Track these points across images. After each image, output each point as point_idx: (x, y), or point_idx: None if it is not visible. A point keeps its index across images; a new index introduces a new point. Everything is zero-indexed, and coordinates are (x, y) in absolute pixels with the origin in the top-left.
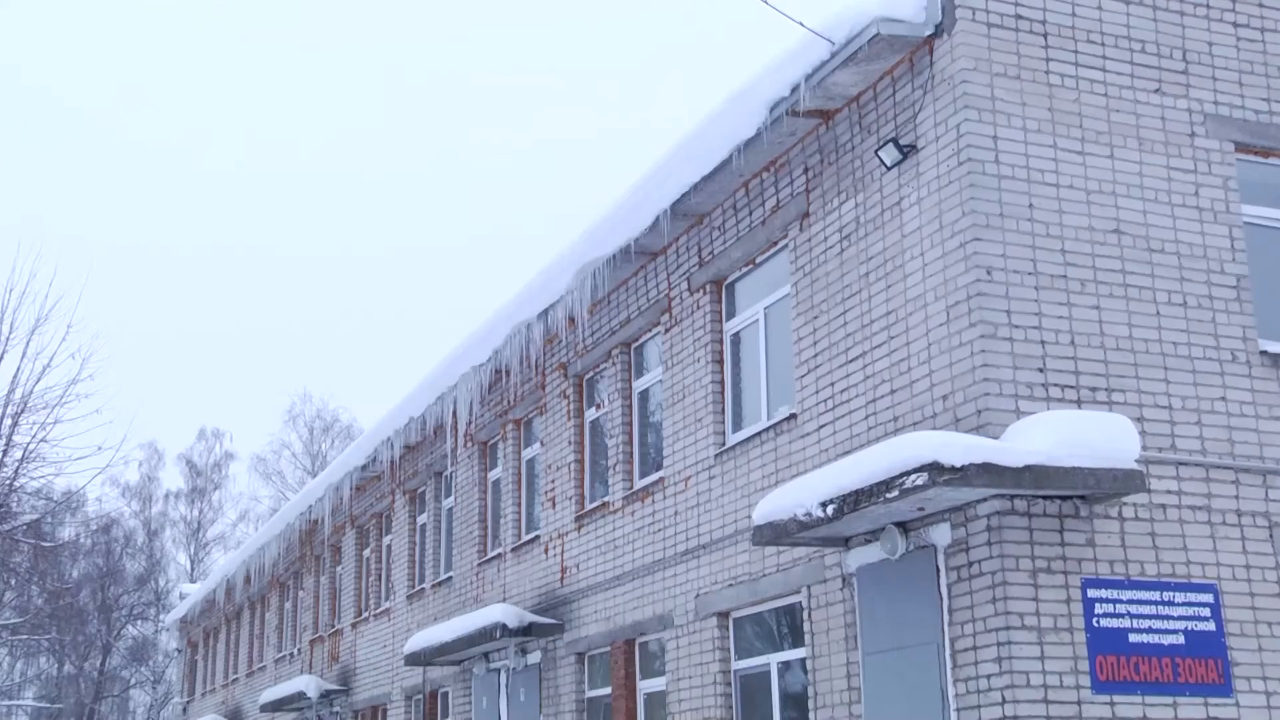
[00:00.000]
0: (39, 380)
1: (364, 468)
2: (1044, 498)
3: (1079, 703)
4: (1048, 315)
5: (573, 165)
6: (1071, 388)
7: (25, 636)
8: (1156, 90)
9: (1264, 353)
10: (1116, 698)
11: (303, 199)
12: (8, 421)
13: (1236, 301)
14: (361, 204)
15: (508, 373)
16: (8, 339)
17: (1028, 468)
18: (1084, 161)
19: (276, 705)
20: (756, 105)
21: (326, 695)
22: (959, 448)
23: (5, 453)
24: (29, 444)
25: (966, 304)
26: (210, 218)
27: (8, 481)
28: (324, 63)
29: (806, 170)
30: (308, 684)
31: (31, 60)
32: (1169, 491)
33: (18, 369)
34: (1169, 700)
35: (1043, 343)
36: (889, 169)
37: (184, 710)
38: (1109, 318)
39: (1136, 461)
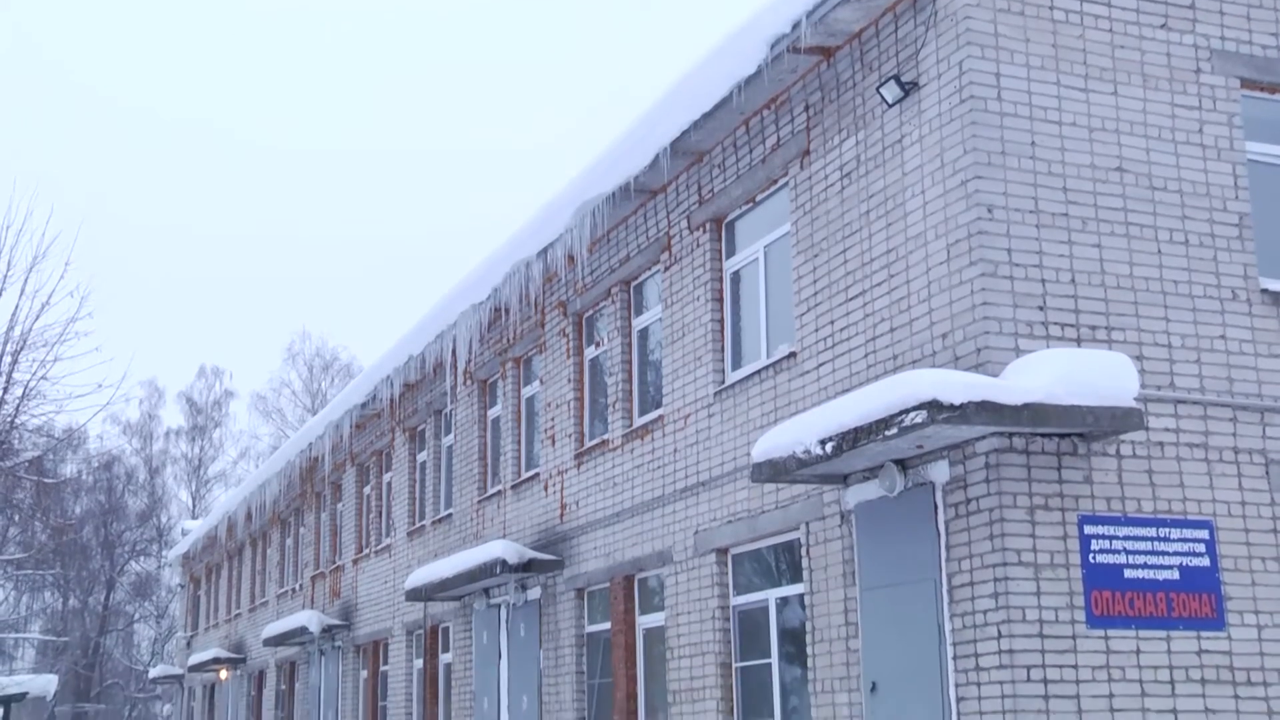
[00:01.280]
0: (38, 318)
1: (364, 406)
2: (1042, 435)
3: (1074, 637)
4: (1048, 253)
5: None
6: (1071, 326)
7: (30, 571)
8: (1162, 25)
9: (1265, 291)
10: (1111, 632)
11: (306, 157)
12: (7, 359)
13: (1238, 239)
14: (366, 161)
15: (507, 311)
16: (5, 276)
17: (1026, 406)
18: (1087, 98)
19: (279, 640)
20: (757, 42)
21: (328, 630)
22: (958, 386)
23: (6, 390)
24: (29, 381)
25: (967, 242)
26: (210, 171)
27: (9, 419)
28: (335, 29)
29: (807, 108)
30: (309, 619)
31: (34, 28)
32: (1167, 429)
33: (16, 306)
34: (1162, 634)
35: (1043, 281)
36: (890, 106)
37: (188, 644)
38: (1110, 256)
39: (1135, 399)
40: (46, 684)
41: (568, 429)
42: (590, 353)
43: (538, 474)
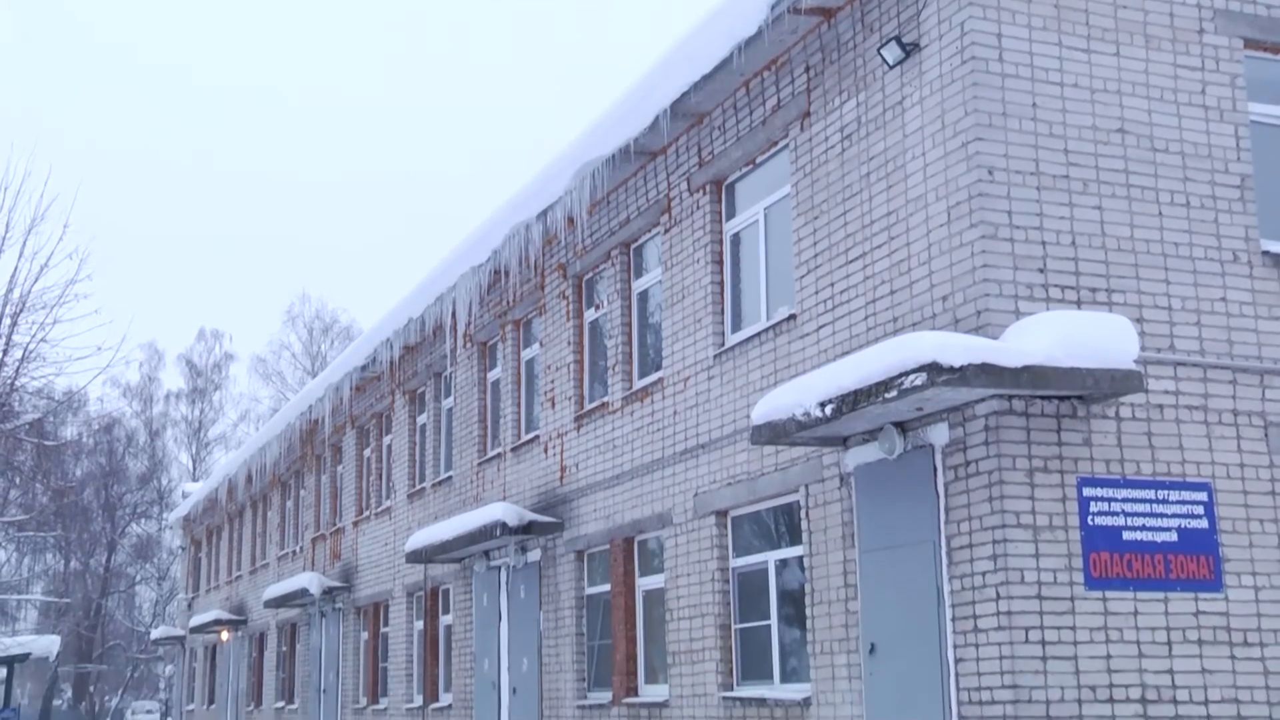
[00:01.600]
0: (37, 280)
1: (363, 368)
2: (1042, 398)
3: (1072, 599)
4: (1049, 216)
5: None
6: (1072, 288)
7: (31, 533)
8: None
9: (1266, 253)
10: (1109, 594)
11: (305, 115)
12: (7, 321)
13: (1240, 201)
14: (368, 118)
15: (507, 273)
16: (4, 238)
17: (1026, 368)
18: (1089, 59)
19: (280, 601)
20: (758, 2)
21: (329, 592)
22: (958, 348)
23: (5, 352)
24: (29, 344)
25: (967, 204)
26: (209, 128)
27: (9, 381)
28: None
29: (808, 69)
30: (310, 581)
31: None
32: (1166, 391)
33: (15, 268)
34: (1160, 596)
35: (1043, 243)
36: (891, 68)
37: (189, 606)
38: (1111, 218)
39: (1135, 362)
40: (49, 645)
41: (567, 391)
42: (590, 315)
43: (537, 436)
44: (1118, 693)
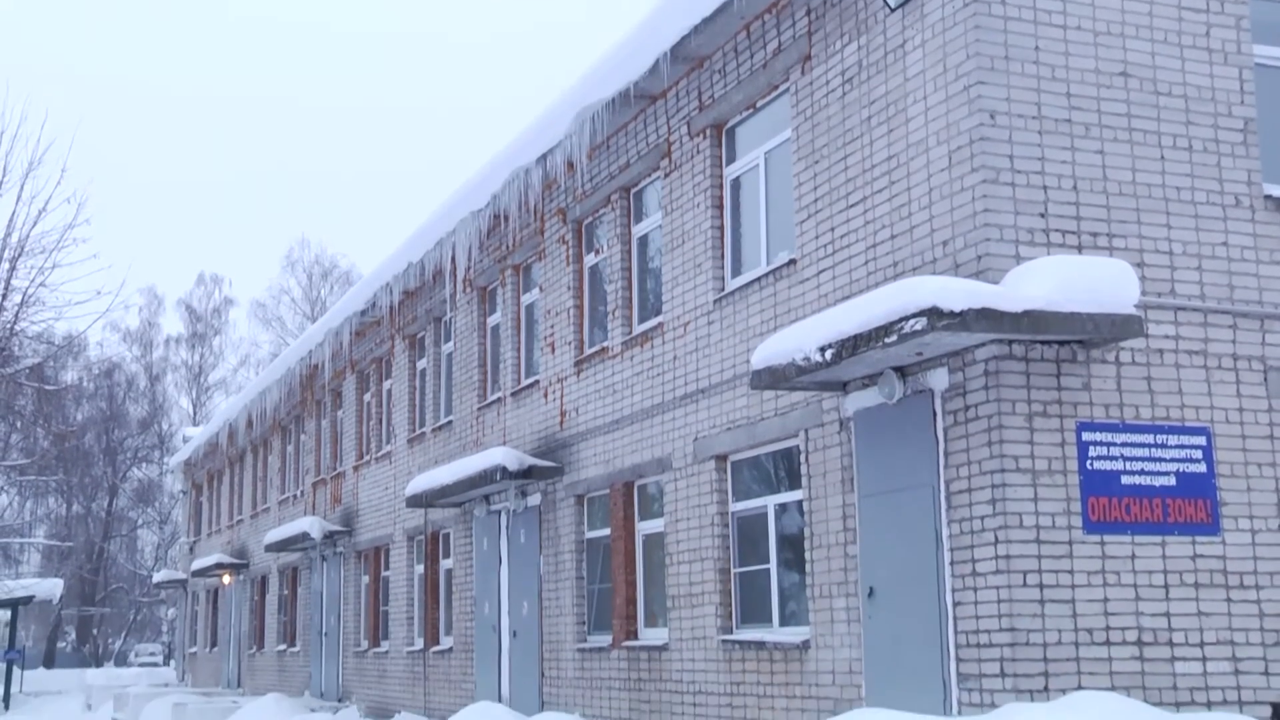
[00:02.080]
0: (35, 224)
1: (363, 313)
2: (1042, 342)
3: (1070, 543)
4: (1050, 160)
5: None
6: (1073, 233)
7: (33, 477)
8: None
9: (1268, 197)
10: (1107, 538)
11: (304, 50)
12: (6, 265)
13: (1243, 145)
14: (368, 58)
15: (506, 218)
16: (1, 181)
17: (1026, 313)
18: (1092, 2)
19: (281, 546)
20: None
21: (330, 536)
22: (958, 293)
23: (5, 296)
24: (28, 288)
25: (969, 148)
26: (208, 65)
27: (8, 325)
28: None
29: (809, 12)
30: (311, 525)
31: None
32: (1166, 336)
33: (13, 212)
34: (1158, 539)
35: (1045, 188)
36: (893, 10)
37: (190, 550)
38: (1112, 162)
39: (1135, 307)
40: (52, 588)
41: (567, 336)
42: (590, 260)
43: (537, 381)
44: (1114, 635)
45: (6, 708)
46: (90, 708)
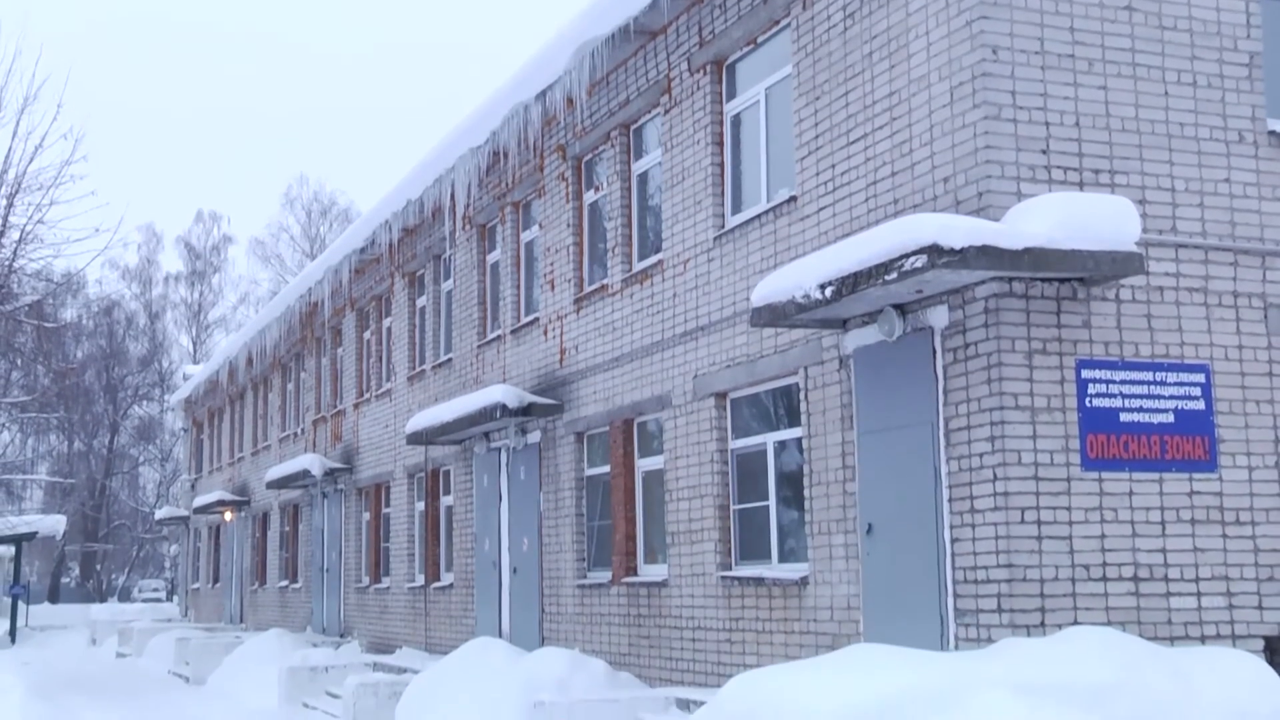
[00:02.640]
0: (32, 161)
1: (362, 251)
2: (1042, 280)
3: (1068, 480)
4: (1053, 96)
5: None
6: (1074, 170)
7: (34, 414)
8: None
9: (1272, 133)
10: (1105, 475)
11: None
12: (3, 202)
13: (1248, 80)
14: None
15: (506, 155)
16: None
17: (1027, 250)
18: None
19: (282, 483)
20: None
21: (330, 473)
22: (959, 230)
23: (2, 234)
24: (26, 225)
25: (971, 84)
26: (204, 5)
27: (7, 263)
28: None
29: None
30: (311, 462)
31: None
32: (1167, 274)
33: (9, 149)
34: (1155, 476)
35: (1047, 124)
36: None
37: (192, 487)
38: (1115, 98)
39: (1136, 244)
40: (55, 524)
41: (567, 274)
42: (589, 197)
43: (537, 319)
44: (1111, 571)
45: (13, 641)
46: (95, 642)
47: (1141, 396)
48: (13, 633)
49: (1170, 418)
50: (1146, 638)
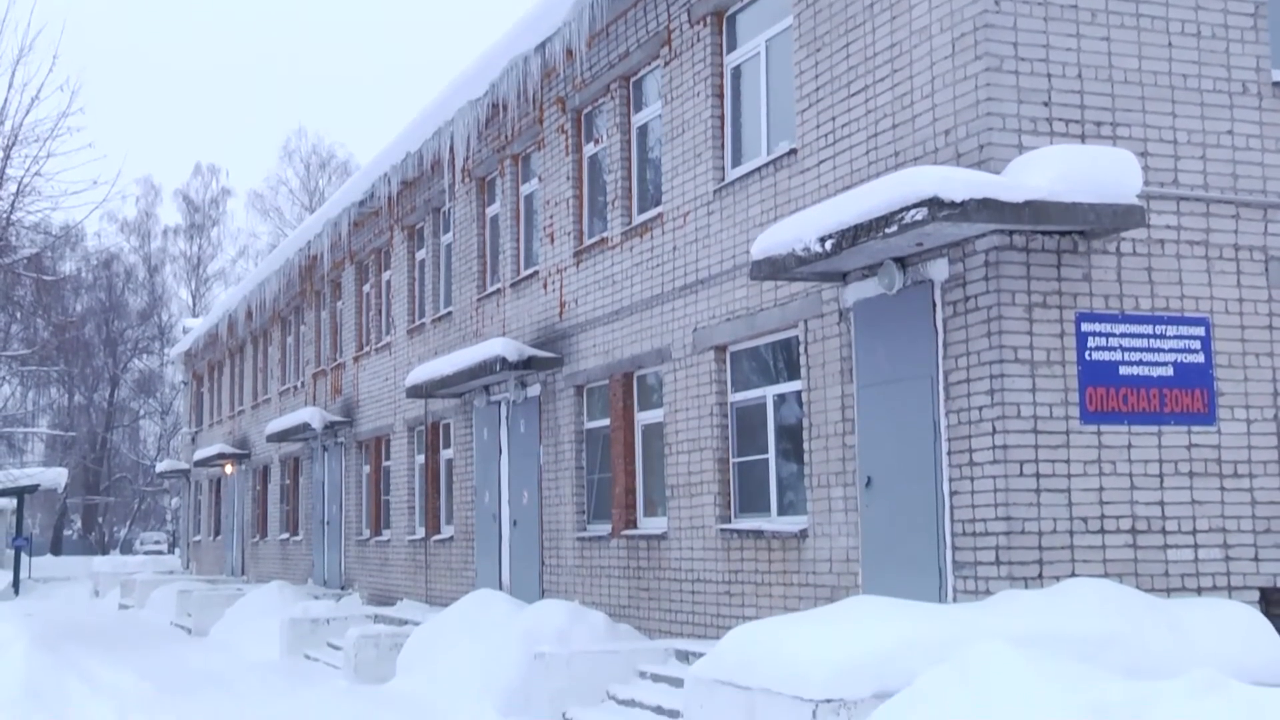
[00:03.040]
0: (28, 112)
1: (361, 204)
2: (1043, 233)
3: (1067, 433)
4: (1055, 47)
5: None
6: (1076, 122)
7: (34, 368)
8: None
9: (1276, 84)
10: (1104, 428)
11: None
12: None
13: (1253, 30)
14: None
15: (505, 107)
16: None
17: (1028, 203)
18: None
19: (282, 436)
20: None
21: (330, 426)
22: (959, 183)
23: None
24: (23, 178)
25: (973, 36)
26: None
27: (4, 215)
28: None
29: None
30: (312, 416)
31: None
32: (1168, 226)
33: (5, 100)
34: (1154, 429)
35: (1049, 76)
36: None
37: (192, 440)
38: (1118, 49)
39: (1137, 197)
40: (57, 477)
41: (567, 227)
42: (589, 150)
43: (537, 272)
44: (1109, 524)
45: (16, 593)
46: (97, 594)
47: (1141, 350)
48: (16, 584)
49: (1169, 371)
50: (1143, 589)
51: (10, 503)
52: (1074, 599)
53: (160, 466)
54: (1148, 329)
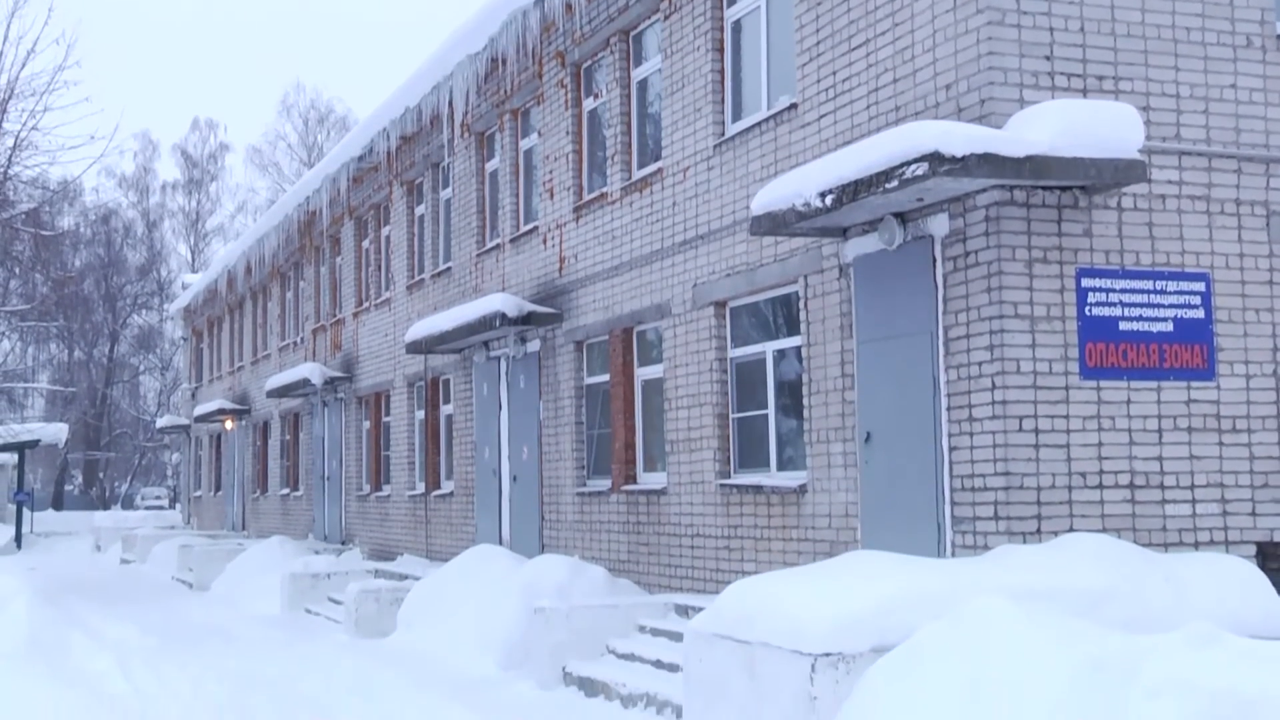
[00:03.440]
0: (24, 66)
1: (360, 159)
2: (1043, 188)
3: (1066, 388)
4: (1057, 1)
5: None
6: (1078, 76)
7: (34, 323)
8: None
9: None
10: (1103, 383)
11: None
12: None
13: None
14: None
15: (504, 61)
16: None
17: (1029, 158)
18: None
19: (282, 392)
20: None
21: (330, 382)
22: (960, 138)
23: None
24: (20, 132)
25: None
26: None
27: (2, 169)
28: None
29: None
30: (311, 371)
31: None
32: (1170, 181)
33: (0, 54)
34: (1153, 385)
35: (1050, 30)
36: None
37: (192, 395)
38: (1121, 3)
39: (1139, 151)
40: (58, 432)
41: (566, 182)
42: (589, 104)
43: (536, 227)
44: (1107, 479)
45: (19, 547)
46: (99, 549)
47: (1141, 305)
48: (18, 539)
49: (1169, 326)
50: (1141, 544)
51: (11, 458)
52: (1072, 554)
53: (160, 422)
54: (1148, 284)
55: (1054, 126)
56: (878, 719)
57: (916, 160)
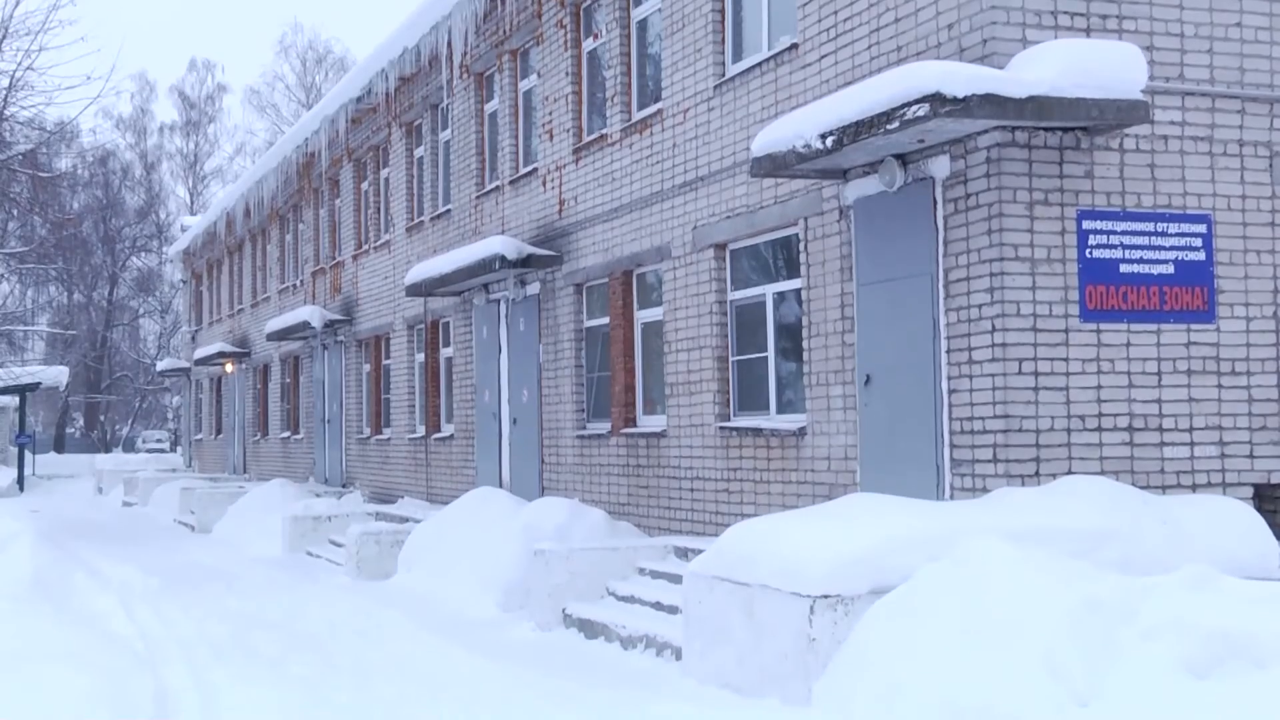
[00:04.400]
0: (18, 4)
1: (359, 100)
2: (1045, 129)
3: (1066, 331)
4: None
5: None
6: (1081, 15)
7: (33, 265)
8: None
9: None
10: (1103, 326)
11: None
12: None
13: None
14: None
15: (503, 1)
16: None
17: (1030, 99)
18: None
19: (282, 335)
20: None
21: (330, 325)
22: (961, 78)
23: None
24: (15, 72)
25: None
26: None
27: None
28: None
29: None
30: (311, 314)
31: None
32: (1172, 122)
33: None
34: (1153, 327)
35: None
36: None
37: (192, 338)
38: None
39: (1142, 92)
40: (58, 375)
41: (566, 123)
42: (588, 45)
43: (536, 169)
44: (1106, 421)
45: (21, 490)
46: (101, 491)
47: (1142, 247)
48: (20, 481)
49: (1170, 269)
50: (1139, 486)
51: (12, 400)
52: (1070, 496)
53: (161, 365)
54: (1149, 226)
55: (1056, 66)
56: (876, 659)
57: (918, 101)
